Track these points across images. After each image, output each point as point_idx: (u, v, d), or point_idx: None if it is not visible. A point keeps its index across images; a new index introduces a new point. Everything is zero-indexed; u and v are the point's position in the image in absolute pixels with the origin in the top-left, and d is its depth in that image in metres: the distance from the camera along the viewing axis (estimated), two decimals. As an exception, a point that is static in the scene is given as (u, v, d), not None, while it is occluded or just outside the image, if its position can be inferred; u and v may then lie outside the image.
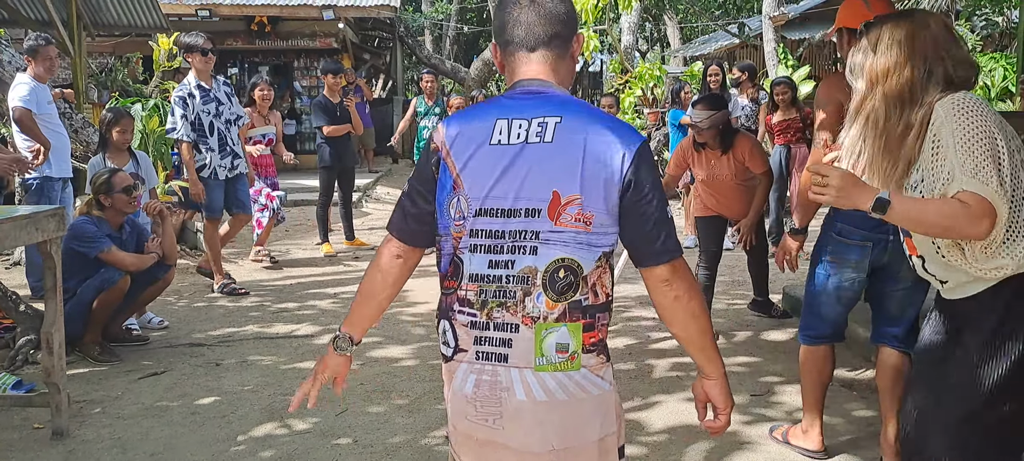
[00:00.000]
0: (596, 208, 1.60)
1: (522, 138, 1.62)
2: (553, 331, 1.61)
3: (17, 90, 5.75)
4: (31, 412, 3.73)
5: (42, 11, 8.72)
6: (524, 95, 1.68)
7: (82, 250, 4.52)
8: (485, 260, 1.64)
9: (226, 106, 6.13)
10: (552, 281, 1.61)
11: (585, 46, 11.94)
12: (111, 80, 12.15)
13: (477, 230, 1.65)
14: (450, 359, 1.72)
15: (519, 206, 1.61)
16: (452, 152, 1.67)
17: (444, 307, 1.73)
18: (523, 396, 1.62)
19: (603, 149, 1.59)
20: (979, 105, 1.92)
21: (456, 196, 1.66)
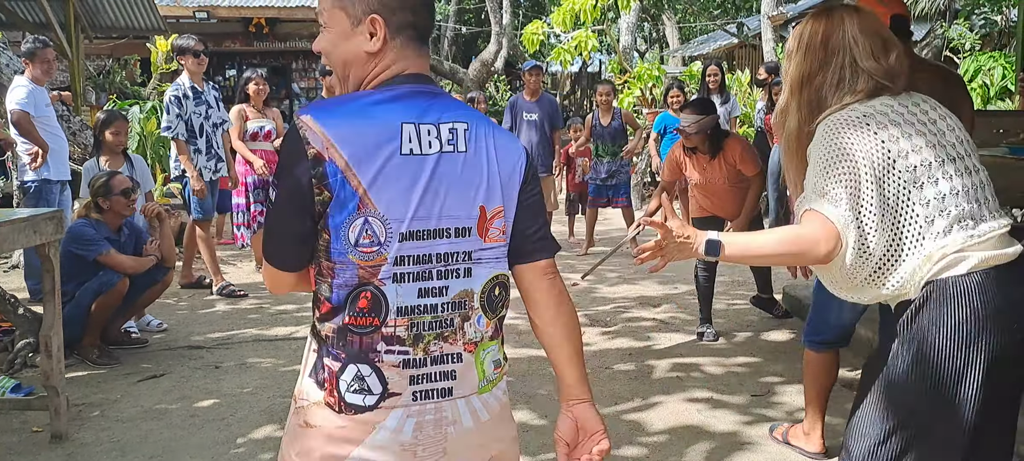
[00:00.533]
0: (512, 215, 1.51)
1: (435, 148, 1.43)
2: (490, 350, 1.53)
3: (15, 93, 5.74)
4: (30, 415, 3.72)
5: (40, 14, 8.72)
6: (419, 95, 1.47)
7: (81, 253, 4.52)
8: (413, 289, 1.43)
9: (214, 110, 6.19)
10: (490, 301, 1.50)
11: (583, 46, 11.93)
12: (109, 82, 12.14)
13: (402, 257, 1.42)
14: (372, 408, 1.44)
15: (446, 226, 1.44)
16: (351, 165, 1.38)
17: (358, 349, 1.43)
18: (471, 423, 1.50)
19: (508, 155, 1.51)
20: (855, 124, 1.79)
21: (362, 217, 1.39)
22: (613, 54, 17.46)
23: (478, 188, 1.46)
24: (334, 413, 1.44)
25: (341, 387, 1.44)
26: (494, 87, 19.99)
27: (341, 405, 1.44)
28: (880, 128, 1.79)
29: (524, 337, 4.99)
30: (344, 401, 1.44)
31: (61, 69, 9.94)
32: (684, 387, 4.06)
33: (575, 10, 11.15)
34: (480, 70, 17.34)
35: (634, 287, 6.33)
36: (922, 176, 1.76)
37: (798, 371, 4.17)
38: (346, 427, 1.44)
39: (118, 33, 11.15)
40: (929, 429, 1.79)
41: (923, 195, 1.75)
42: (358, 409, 1.43)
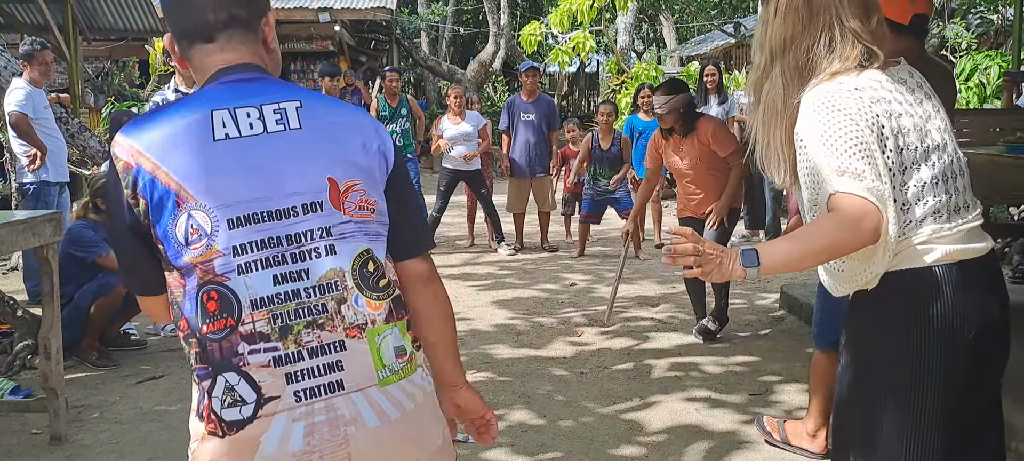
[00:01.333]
0: (376, 194, 1.41)
1: (258, 129, 1.34)
2: (386, 335, 1.37)
3: (13, 95, 5.74)
4: (29, 417, 3.72)
5: (38, 16, 8.72)
6: (236, 82, 1.38)
7: (80, 254, 4.52)
8: (267, 277, 1.30)
9: None
10: (363, 278, 1.36)
11: (581, 47, 11.93)
12: (107, 84, 12.14)
13: (240, 246, 1.30)
14: (251, 420, 1.29)
15: (291, 204, 1.33)
16: (158, 161, 1.30)
17: (220, 358, 1.30)
18: (376, 421, 1.34)
19: (361, 134, 1.41)
20: (848, 94, 1.68)
21: (185, 212, 1.29)
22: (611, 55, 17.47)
23: (323, 161, 1.36)
24: (219, 439, 1.31)
25: (215, 406, 1.30)
26: (492, 88, 20.00)
27: (222, 427, 1.30)
28: (874, 102, 1.69)
29: (523, 337, 5.00)
30: (223, 421, 1.30)
31: (59, 71, 9.94)
32: (683, 386, 4.07)
33: (573, 11, 11.17)
34: (478, 71, 17.34)
35: (632, 287, 6.33)
36: (907, 160, 1.70)
37: (796, 370, 4.19)
38: (232, 451, 1.30)
39: (116, 35, 11.16)
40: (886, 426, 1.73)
41: (904, 180, 1.69)
42: (238, 425, 1.29)
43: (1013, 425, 3.27)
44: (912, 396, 1.70)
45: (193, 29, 1.40)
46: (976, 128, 4.95)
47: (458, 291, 6.29)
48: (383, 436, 1.35)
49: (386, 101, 8.14)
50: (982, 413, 1.77)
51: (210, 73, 1.41)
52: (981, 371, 1.74)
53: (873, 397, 1.76)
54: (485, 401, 1.66)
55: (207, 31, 1.40)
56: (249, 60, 1.42)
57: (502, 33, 17.01)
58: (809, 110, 1.71)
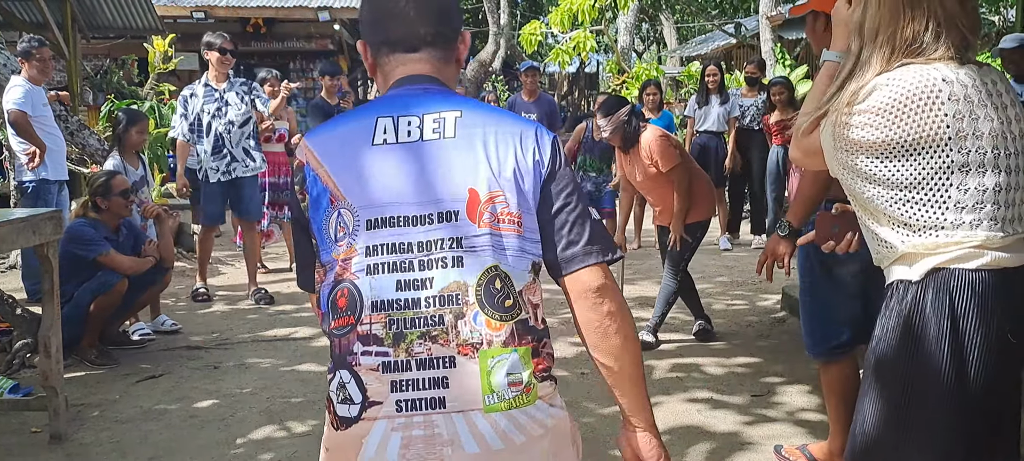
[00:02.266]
0: (522, 207, 1.36)
1: (415, 137, 1.36)
2: (502, 359, 1.30)
3: (12, 93, 5.73)
4: (29, 416, 3.71)
5: (37, 13, 8.70)
6: (409, 93, 1.42)
7: (80, 253, 4.50)
8: (390, 282, 1.31)
9: (232, 108, 5.95)
10: (488, 295, 1.31)
11: (581, 46, 11.93)
12: (106, 82, 12.12)
13: (373, 247, 1.32)
14: (356, 420, 1.31)
15: (428, 211, 1.33)
16: (322, 160, 1.38)
17: (339, 353, 1.34)
18: (475, 448, 1.28)
19: (515, 141, 1.37)
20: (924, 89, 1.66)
21: (335, 210, 1.35)
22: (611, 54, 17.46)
23: (467, 171, 1.34)
24: (334, 431, 1.35)
25: (333, 399, 1.35)
26: (491, 87, 19.98)
27: (336, 421, 1.34)
28: (951, 101, 1.67)
29: (523, 337, 4.99)
30: (337, 415, 1.34)
31: (58, 69, 9.92)
32: (684, 387, 4.06)
33: (573, 10, 11.16)
34: (478, 70, 17.32)
35: (633, 287, 6.32)
36: (974, 163, 1.68)
37: (798, 372, 4.18)
38: (342, 445, 1.33)
39: (115, 33, 11.13)
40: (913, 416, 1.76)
41: (965, 181, 1.68)
42: (347, 422, 1.32)
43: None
44: (947, 390, 1.72)
45: (399, 40, 1.45)
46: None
47: (458, 291, 6.28)
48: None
49: None
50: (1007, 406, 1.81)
51: (391, 81, 1.47)
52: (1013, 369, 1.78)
53: (906, 390, 1.76)
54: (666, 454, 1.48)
55: (414, 43, 1.45)
56: (430, 72, 1.45)
57: (502, 32, 16.99)
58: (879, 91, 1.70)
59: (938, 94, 1.67)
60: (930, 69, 1.69)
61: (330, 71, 7.82)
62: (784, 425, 3.55)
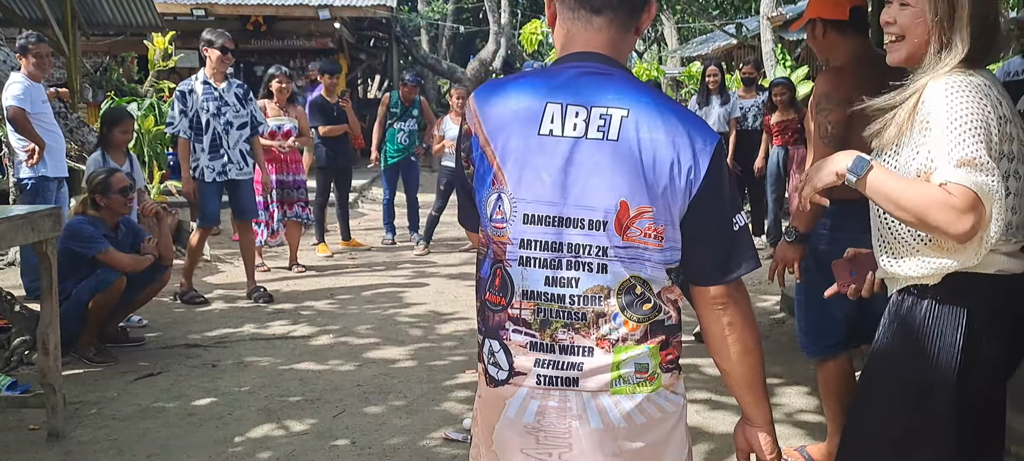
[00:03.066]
0: (667, 220, 1.38)
1: (579, 131, 1.36)
2: (634, 353, 1.41)
3: (11, 89, 5.72)
4: (27, 413, 3.70)
5: (36, 10, 8.68)
6: (582, 74, 1.40)
7: (79, 250, 4.49)
8: (540, 276, 1.40)
9: (231, 108, 5.92)
10: (628, 300, 1.40)
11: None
12: (106, 79, 12.10)
13: (527, 240, 1.39)
14: (503, 383, 1.46)
15: (579, 216, 1.37)
16: (489, 136, 1.40)
17: (491, 325, 1.46)
18: (599, 424, 1.41)
19: (674, 152, 1.36)
20: (976, 89, 1.68)
21: (496, 193, 1.41)
22: (611, 54, 17.43)
23: (621, 182, 1.35)
24: (484, 384, 1.51)
25: (485, 359, 1.49)
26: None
27: (487, 377, 1.50)
28: (995, 105, 1.69)
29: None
30: (487, 373, 1.49)
31: (58, 66, 9.90)
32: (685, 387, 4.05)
33: None
34: (478, 69, 17.33)
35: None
36: (1006, 169, 1.68)
37: (797, 372, 4.18)
38: (492, 399, 1.49)
39: (115, 30, 11.12)
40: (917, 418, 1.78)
41: None
42: (495, 382, 1.47)
43: (1012, 428, 3.25)
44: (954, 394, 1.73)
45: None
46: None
47: (457, 291, 6.27)
48: (603, 439, 1.42)
49: (399, 99, 8.10)
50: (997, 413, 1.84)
51: (570, 50, 1.44)
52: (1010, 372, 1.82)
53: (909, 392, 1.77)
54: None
55: (598, 4, 1.41)
56: (608, 51, 1.43)
57: (503, 31, 17.00)
58: (941, 94, 1.67)
59: (988, 96, 1.68)
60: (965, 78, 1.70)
61: (330, 70, 7.82)
62: (782, 426, 3.54)
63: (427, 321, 5.40)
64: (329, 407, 3.82)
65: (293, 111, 7.03)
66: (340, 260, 7.53)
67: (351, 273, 6.95)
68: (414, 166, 8.29)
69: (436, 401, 3.90)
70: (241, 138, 5.98)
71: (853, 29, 2.81)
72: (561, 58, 1.45)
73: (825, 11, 2.83)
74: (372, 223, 9.59)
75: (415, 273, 6.96)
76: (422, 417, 3.71)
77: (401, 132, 8.03)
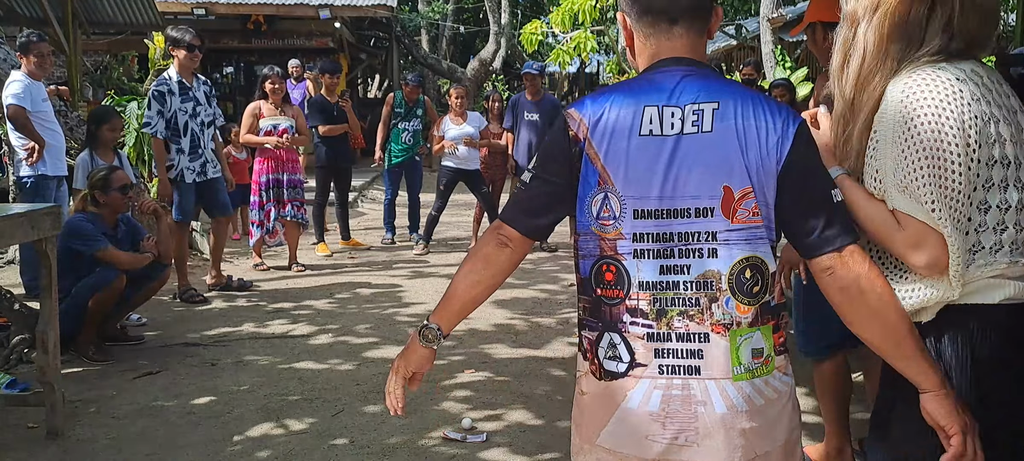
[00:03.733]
0: (768, 199, 1.47)
1: (677, 128, 1.47)
2: (748, 336, 1.48)
3: (11, 88, 5.72)
4: (26, 411, 3.70)
5: (37, 9, 8.69)
6: (671, 78, 1.51)
7: (79, 248, 4.50)
8: (654, 266, 1.49)
9: (203, 107, 5.98)
10: (739, 283, 1.47)
11: (582, 47, 11.94)
12: (106, 78, 12.10)
13: (639, 234, 1.49)
14: (623, 375, 1.52)
15: (687, 205, 1.47)
16: (594, 142, 1.50)
17: (607, 319, 1.53)
18: (724, 408, 1.47)
19: (764, 134, 1.46)
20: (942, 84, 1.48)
21: (602, 192, 1.50)
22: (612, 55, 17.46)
23: (722, 168, 1.46)
24: (595, 380, 1.55)
25: (599, 354, 1.54)
26: (491, 86, 19.99)
27: (600, 372, 1.54)
28: (974, 101, 1.48)
29: (521, 337, 4.99)
30: (602, 368, 1.54)
31: (59, 65, 9.89)
32: (681, 388, 4.06)
33: (574, 10, 11.16)
34: (478, 69, 17.33)
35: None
36: (996, 175, 1.49)
37: (795, 372, 4.17)
38: (604, 394, 1.54)
39: (116, 29, 11.11)
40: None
41: (986, 199, 1.50)
42: (613, 376, 1.53)
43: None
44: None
45: (662, 9, 1.53)
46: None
47: (457, 290, 6.27)
48: (728, 422, 1.48)
49: (404, 98, 8.09)
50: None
51: (657, 58, 1.55)
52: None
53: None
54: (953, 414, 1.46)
55: (675, 12, 1.52)
56: (690, 54, 1.54)
57: (503, 32, 17.00)
58: (894, 102, 1.52)
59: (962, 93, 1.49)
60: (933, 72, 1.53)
61: (330, 69, 7.81)
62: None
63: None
64: (328, 406, 3.82)
65: (289, 110, 7.01)
66: (339, 259, 7.53)
67: (350, 272, 6.96)
68: (417, 166, 8.29)
69: (435, 400, 3.91)
70: (209, 137, 6.07)
71: None
72: (651, 67, 1.55)
73: (825, 15, 2.84)
74: (372, 223, 9.59)
75: (414, 273, 6.96)
76: (421, 416, 3.71)
77: (405, 132, 8.05)
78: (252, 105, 6.89)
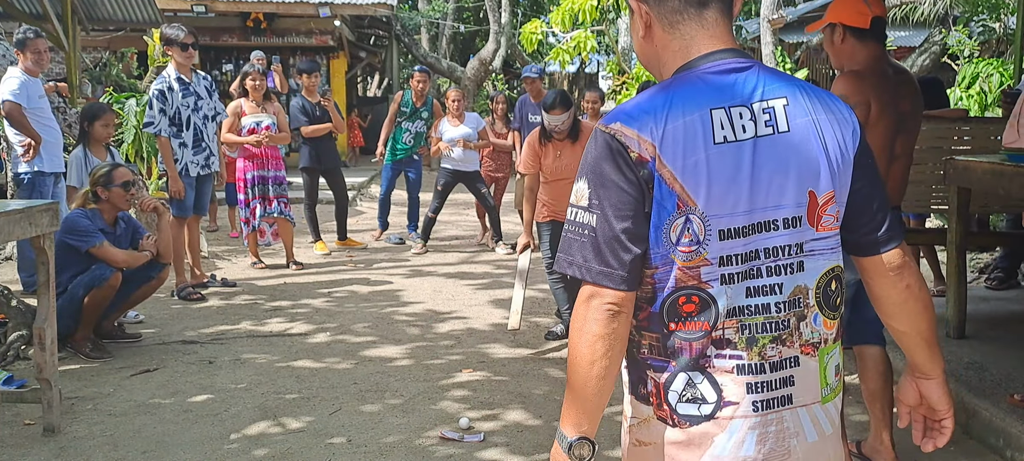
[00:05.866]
0: (842, 200, 1.37)
1: (750, 131, 1.31)
2: (832, 353, 1.39)
3: (7, 84, 5.70)
4: (22, 408, 3.70)
5: (36, 5, 8.68)
6: (726, 72, 1.34)
7: (74, 244, 4.49)
8: (740, 289, 1.32)
9: (205, 101, 6.00)
10: (826, 297, 1.36)
11: (582, 46, 11.93)
12: (105, 75, 12.09)
13: (726, 257, 1.31)
14: (708, 418, 1.33)
15: (772, 216, 1.31)
16: (665, 160, 1.29)
17: (685, 356, 1.33)
18: (816, 437, 1.37)
19: (837, 129, 1.36)
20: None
21: (682, 217, 1.30)
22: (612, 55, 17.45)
23: (805, 172, 1.33)
24: (667, 426, 1.36)
25: (670, 399, 1.35)
26: (491, 86, 19.98)
27: (674, 418, 1.35)
28: None
29: (519, 337, 4.98)
30: (677, 413, 1.35)
31: (57, 61, 9.88)
32: (679, 389, 4.06)
33: (574, 10, 11.15)
34: (478, 69, 17.32)
35: (630, 288, 6.32)
36: None
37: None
38: (681, 441, 1.35)
39: (115, 26, 11.10)
40: None
41: None
42: (693, 420, 1.34)
43: (1009, 433, 3.25)
44: None
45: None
46: (977, 136, 4.95)
47: (455, 290, 6.27)
48: (819, 450, 1.39)
49: (412, 99, 8.04)
50: None
51: (693, 54, 1.36)
52: None
53: None
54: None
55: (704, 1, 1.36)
56: (726, 40, 1.37)
57: (503, 31, 16.98)
58: None
59: None
60: None
61: (307, 69, 7.74)
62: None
63: (424, 320, 5.39)
64: (325, 405, 3.82)
65: (271, 107, 6.98)
66: (338, 258, 7.53)
67: (348, 271, 6.95)
68: (417, 164, 8.27)
69: (433, 400, 3.90)
70: (214, 130, 6.08)
71: (872, 37, 2.85)
72: (691, 63, 1.36)
73: (847, 17, 2.88)
74: (371, 222, 9.59)
75: (412, 272, 6.95)
76: (418, 416, 3.71)
77: (408, 132, 8.02)
78: (234, 104, 6.88)
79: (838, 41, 2.91)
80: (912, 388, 1.52)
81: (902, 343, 1.49)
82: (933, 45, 13.37)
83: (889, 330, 1.52)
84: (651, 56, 1.42)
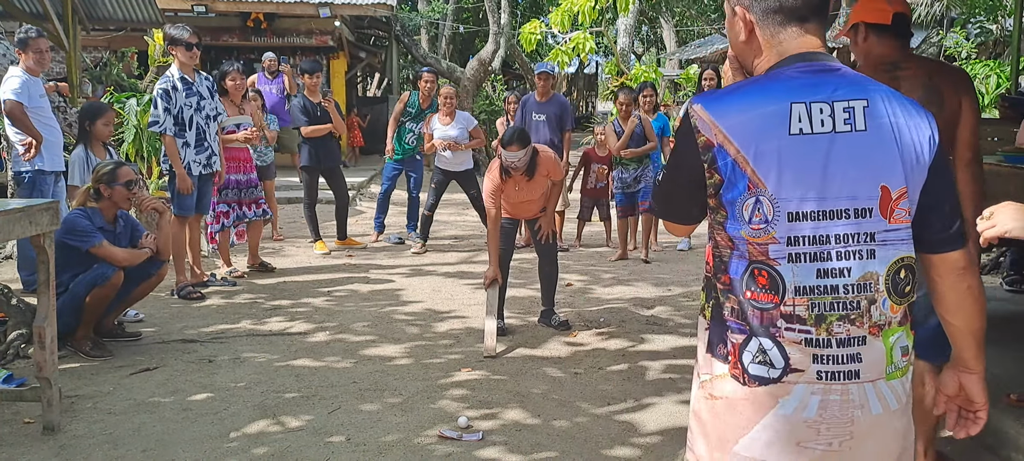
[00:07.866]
0: (915, 198, 1.49)
1: (828, 127, 1.45)
2: (898, 335, 1.50)
3: (8, 83, 5.72)
4: (22, 406, 3.71)
5: (37, 4, 8.69)
6: (813, 73, 1.49)
7: (74, 244, 4.50)
8: (811, 269, 1.45)
9: (207, 101, 6.03)
10: (895, 284, 1.48)
11: (581, 47, 11.93)
12: (106, 75, 12.09)
13: (794, 237, 1.45)
14: (774, 381, 1.48)
15: (845, 206, 1.45)
16: (737, 143, 1.45)
17: (760, 323, 1.48)
18: (880, 410, 1.49)
19: (914, 134, 1.48)
20: None
21: (753, 197, 1.45)
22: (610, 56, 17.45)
23: (879, 168, 1.45)
24: (739, 385, 1.50)
25: (744, 359, 1.49)
26: (491, 86, 19.99)
27: (745, 377, 1.49)
28: None
29: (519, 337, 4.99)
30: (748, 373, 1.49)
31: (58, 61, 9.90)
32: (677, 389, 4.07)
33: (573, 11, 11.15)
34: (478, 69, 17.32)
35: (628, 288, 6.33)
36: None
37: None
38: (750, 398, 1.49)
39: (115, 25, 11.12)
40: None
41: None
42: (762, 381, 1.48)
43: (1006, 433, 3.27)
44: None
45: (794, 8, 1.52)
46: (974, 137, 4.96)
47: (454, 289, 6.29)
48: (882, 423, 1.50)
49: (418, 100, 8.03)
50: None
51: (786, 55, 1.52)
52: None
53: None
54: None
55: (805, 12, 1.52)
56: (820, 48, 1.53)
57: (502, 32, 16.99)
58: None
59: None
60: None
61: (309, 69, 7.76)
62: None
63: (423, 319, 5.41)
64: (325, 404, 3.83)
65: (248, 108, 6.93)
66: (337, 258, 7.54)
67: (348, 271, 6.96)
68: (419, 164, 8.29)
69: (432, 399, 3.91)
70: (215, 130, 6.10)
71: (892, 34, 2.86)
72: (782, 62, 1.52)
73: (868, 15, 2.89)
74: (371, 222, 9.59)
75: (412, 271, 6.97)
76: (417, 415, 3.72)
77: (411, 133, 8.03)
78: None
79: (860, 40, 2.93)
80: (954, 380, 1.65)
81: (953, 337, 1.62)
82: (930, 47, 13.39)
83: (943, 323, 1.62)
84: (747, 55, 1.59)
